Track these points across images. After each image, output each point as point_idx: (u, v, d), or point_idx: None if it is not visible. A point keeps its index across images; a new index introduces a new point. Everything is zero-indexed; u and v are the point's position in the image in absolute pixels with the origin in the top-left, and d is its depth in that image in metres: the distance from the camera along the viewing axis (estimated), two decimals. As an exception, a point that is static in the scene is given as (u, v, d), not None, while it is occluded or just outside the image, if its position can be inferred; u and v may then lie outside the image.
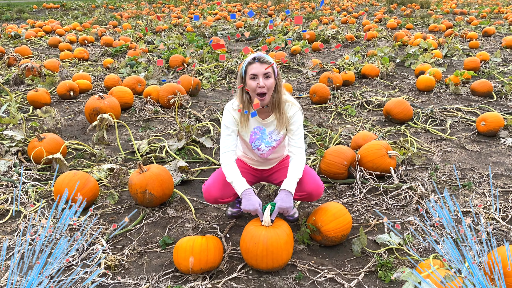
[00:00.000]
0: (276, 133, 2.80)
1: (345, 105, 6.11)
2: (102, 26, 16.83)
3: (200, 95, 6.89)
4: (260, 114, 2.77)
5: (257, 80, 2.54)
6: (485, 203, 3.37)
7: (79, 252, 2.77)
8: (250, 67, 2.54)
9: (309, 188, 2.77)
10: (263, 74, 2.53)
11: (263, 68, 2.52)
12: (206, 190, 2.80)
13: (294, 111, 2.74)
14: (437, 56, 9.24)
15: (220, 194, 2.77)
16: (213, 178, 2.83)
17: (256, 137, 2.80)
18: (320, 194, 2.85)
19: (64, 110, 6.00)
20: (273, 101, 2.68)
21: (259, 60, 2.52)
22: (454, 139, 4.80)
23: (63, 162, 3.80)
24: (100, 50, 11.39)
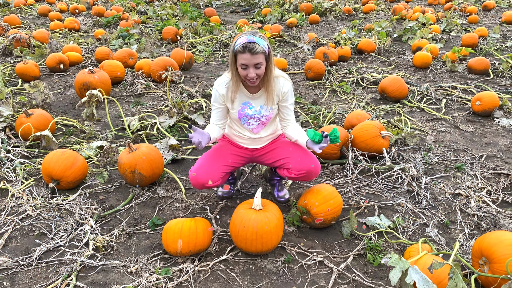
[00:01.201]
0: (265, 108, 2.72)
1: (340, 82, 6.02)
2: (94, -6, 16.34)
3: (193, 69, 6.77)
4: (249, 89, 2.70)
5: (247, 70, 2.43)
6: (476, 185, 3.36)
7: (68, 232, 2.75)
8: (240, 56, 2.40)
9: (307, 167, 2.74)
10: (254, 65, 2.41)
11: (254, 59, 2.39)
12: (192, 176, 2.73)
13: (287, 87, 2.67)
14: (435, 31, 9.08)
15: (207, 179, 2.71)
16: (199, 162, 2.78)
17: (244, 112, 2.72)
18: (318, 173, 2.82)
19: (53, 84, 5.88)
20: (264, 79, 2.60)
21: (250, 51, 2.35)
22: (448, 118, 4.76)
23: (52, 139, 3.73)
24: (91, 20, 11.09)
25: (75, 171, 3.16)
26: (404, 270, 2.07)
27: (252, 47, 2.35)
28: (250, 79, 2.47)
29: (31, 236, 2.73)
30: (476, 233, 2.80)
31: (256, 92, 2.70)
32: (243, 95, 2.70)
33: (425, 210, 3.05)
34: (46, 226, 2.82)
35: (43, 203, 3.04)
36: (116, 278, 2.38)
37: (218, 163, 2.77)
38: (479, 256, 2.32)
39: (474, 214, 2.98)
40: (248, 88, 2.69)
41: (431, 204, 3.12)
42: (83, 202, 3.07)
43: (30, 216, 2.92)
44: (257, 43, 2.37)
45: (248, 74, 2.44)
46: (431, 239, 2.73)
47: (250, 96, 2.70)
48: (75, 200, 3.10)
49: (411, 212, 3.02)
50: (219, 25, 9.33)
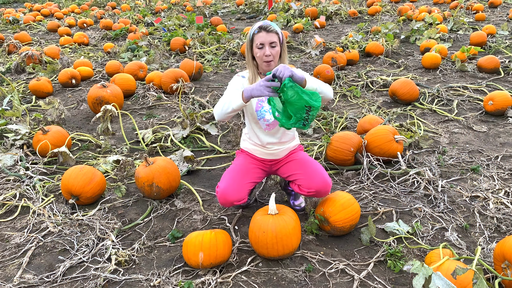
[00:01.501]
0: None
1: (350, 86, 6.03)
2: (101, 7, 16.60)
3: (202, 79, 6.82)
4: None
5: (264, 49, 2.59)
6: (493, 187, 3.34)
7: (89, 248, 2.79)
8: (257, 36, 2.59)
9: (316, 186, 2.74)
10: (269, 43, 2.58)
11: (269, 37, 2.57)
12: (222, 195, 2.72)
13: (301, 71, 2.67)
14: (442, 31, 9.05)
15: (237, 197, 2.72)
16: (226, 180, 2.77)
17: (261, 105, 2.78)
18: (328, 192, 2.81)
19: (66, 99, 5.97)
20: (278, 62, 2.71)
21: (265, 29, 2.57)
22: (461, 119, 4.74)
23: (69, 155, 3.79)
24: (99, 33, 11.24)
25: (93, 186, 3.21)
26: (427, 276, 2.07)
27: (267, 25, 2.59)
28: (266, 58, 2.60)
29: (54, 253, 2.77)
30: (497, 235, 2.79)
31: None
32: None
33: (443, 214, 3.04)
34: (68, 242, 2.86)
35: (64, 219, 3.08)
36: (139, 292, 2.41)
37: (244, 179, 2.81)
38: (501, 260, 2.31)
39: (493, 216, 2.97)
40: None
41: (449, 207, 3.11)
42: (103, 217, 3.11)
43: (52, 232, 2.96)
44: (271, 25, 2.60)
45: (264, 53, 2.59)
46: (451, 243, 2.72)
47: None
48: (95, 215, 3.14)
49: (429, 217, 3.02)
50: (226, 34, 9.40)
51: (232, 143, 4.28)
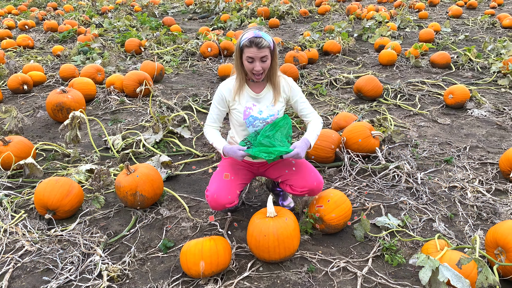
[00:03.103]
0: (271, 105, 2.70)
1: (315, 84, 6.11)
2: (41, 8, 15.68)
3: (164, 81, 6.63)
4: (254, 88, 2.70)
5: (254, 64, 2.49)
6: (468, 177, 3.51)
7: (75, 265, 2.60)
8: (247, 50, 2.46)
9: (310, 185, 2.73)
10: (260, 58, 2.47)
11: (261, 53, 2.45)
12: (212, 198, 2.64)
13: (290, 81, 2.76)
14: (392, 28, 9.43)
15: (228, 200, 2.65)
16: (216, 183, 2.71)
17: (249, 113, 2.69)
18: (321, 190, 2.82)
19: (20, 107, 5.57)
20: (269, 74, 2.63)
21: (256, 45, 2.42)
22: (425, 113, 4.95)
23: (36, 166, 3.53)
24: (44, 36, 10.61)
25: (72, 199, 3.00)
26: (434, 268, 2.13)
27: (259, 41, 2.43)
28: (256, 73, 2.52)
29: (36, 274, 2.56)
30: (480, 223, 2.93)
31: (261, 91, 2.71)
32: (248, 95, 2.70)
33: (427, 205, 3.15)
34: (50, 260, 2.65)
35: (41, 236, 2.86)
36: (139, 308, 2.28)
37: (233, 181, 2.74)
38: (494, 247, 2.42)
39: (473, 205, 3.12)
40: (253, 87, 2.70)
41: (431, 198, 3.22)
42: (85, 231, 2.92)
43: (30, 251, 2.74)
44: (263, 38, 2.44)
45: (254, 68, 2.50)
46: (441, 233, 2.82)
47: (255, 96, 2.70)
48: (75, 230, 2.94)
49: (415, 209, 3.11)
50: (181, 34, 9.20)
51: (209, 146, 4.18)
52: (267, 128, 2.66)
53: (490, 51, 7.37)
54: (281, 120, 2.69)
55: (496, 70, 6.23)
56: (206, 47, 7.70)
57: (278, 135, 2.64)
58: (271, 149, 2.52)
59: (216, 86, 6.28)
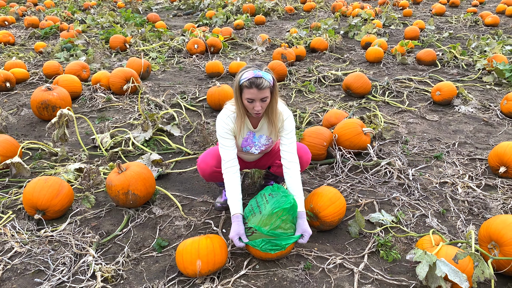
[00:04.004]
0: (265, 138, 2.77)
1: (303, 82, 6.11)
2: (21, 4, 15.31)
3: (151, 78, 6.54)
4: (252, 120, 2.71)
5: (254, 104, 2.43)
6: (457, 173, 3.56)
7: (67, 266, 2.54)
8: (247, 91, 2.38)
9: (298, 153, 2.78)
10: (260, 99, 2.41)
11: (261, 94, 2.38)
12: (201, 161, 2.83)
13: (285, 118, 2.64)
14: (378, 26, 9.51)
15: (216, 162, 2.79)
16: (207, 151, 2.92)
17: (247, 142, 2.77)
18: (309, 160, 2.94)
19: (2, 104, 5.42)
20: (267, 110, 2.58)
21: (257, 86, 2.34)
22: (413, 110, 5.00)
23: (23, 166, 3.44)
24: (25, 32, 10.35)
25: (62, 198, 2.93)
26: (432, 263, 2.14)
27: (259, 83, 2.35)
28: (256, 112, 2.48)
29: (27, 275, 2.49)
30: (471, 218, 2.97)
31: (257, 124, 2.73)
32: (247, 127, 2.73)
33: (419, 201, 3.18)
34: (41, 262, 2.59)
35: (31, 237, 2.79)
36: (135, 309, 2.24)
37: None
38: (487, 241, 2.45)
39: (464, 200, 3.16)
40: (251, 119, 2.71)
41: (423, 194, 3.25)
42: (76, 231, 2.86)
43: (20, 253, 2.66)
44: (264, 78, 2.36)
45: (254, 107, 2.45)
46: (434, 229, 2.84)
47: (252, 129, 2.73)
48: (66, 230, 2.87)
49: (407, 205, 3.14)
50: (167, 31, 9.10)
51: (199, 144, 4.14)
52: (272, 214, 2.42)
53: (474, 49, 7.49)
54: (288, 209, 2.44)
55: (481, 67, 6.34)
56: (193, 44, 7.63)
57: (285, 225, 2.43)
58: (279, 243, 2.40)
59: (204, 84, 6.23)
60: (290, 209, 2.42)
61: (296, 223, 2.51)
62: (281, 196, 2.48)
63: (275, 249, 2.41)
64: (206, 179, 2.92)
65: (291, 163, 2.67)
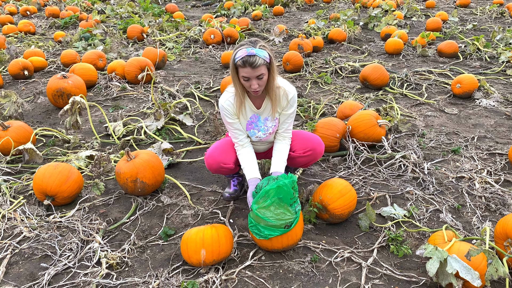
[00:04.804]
0: (271, 119, 2.72)
1: (319, 73, 6.00)
2: (43, -6, 15.49)
3: (166, 67, 6.54)
4: (254, 101, 2.67)
5: (250, 82, 2.39)
6: (475, 167, 3.43)
7: (74, 252, 2.55)
8: (242, 70, 2.34)
9: (312, 144, 2.78)
10: (256, 77, 2.36)
11: (256, 72, 2.34)
12: (209, 155, 2.77)
13: (290, 96, 2.62)
14: (399, 17, 9.27)
15: (224, 159, 2.74)
16: (214, 146, 2.84)
17: (252, 126, 2.74)
18: (323, 151, 2.88)
19: (20, 92, 5.49)
20: (267, 88, 2.54)
21: (250, 65, 2.29)
22: (432, 102, 4.85)
23: (36, 152, 3.47)
24: (46, 22, 10.50)
25: (71, 185, 2.94)
26: (443, 260, 2.06)
27: (253, 61, 2.30)
28: (254, 90, 2.43)
29: (34, 260, 2.51)
30: (488, 214, 2.85)
31: (260, 104, 2.68)
32: (250, 109, 2.68)
33: (434, 195, 3.07)
34: (48, 247, 2.60)
35: (40, 223, 2.81)
36: (138, 296, 2.23)
37: (232, 147, 2.81)
38: (503, 238, 2.35)
39: (481, 195, 3.04)
40: (253, 100, 2.66)
41: (438, 189, 3.15)
42: (84, 218, 2.86)
43: (28, 238, 2.68)
44: (257, 55, 2.31)
45: (251, 86, 2.41)
46: (448, 224, 2.74)
47: (256, 110, 2.69)
48: (75, 216, 2.88)
49: (421, 199, 3.04)
50: (184, 21, 9.08)
51: (211, 133, 4.11)
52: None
53: (499, 41, 7.23)
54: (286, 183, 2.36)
55: (505, 60, 6.11)
56: (209, 34, 7.59)
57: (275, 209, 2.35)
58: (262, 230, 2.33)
59: (219, 74, 6.19)
60: (277, 190, 2.30)
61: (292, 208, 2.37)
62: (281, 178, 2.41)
63: (258, 234, 2.36)
64: (212, 172, 2.89)
65: (285, 138, 2.77)
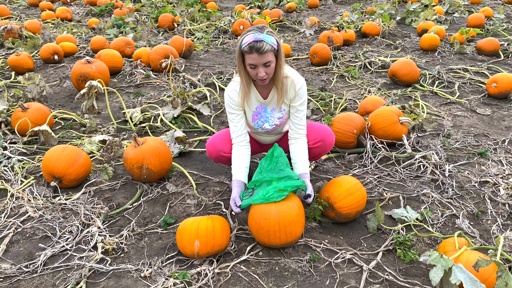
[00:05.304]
0: (278, 110, 2.60)
1: (347, 67, 5.80)
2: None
3: (193, 57, 6.52)
4: (261, 91, 2.57)
5: (257, 70, 2.27)
6: (502, 172, 3.18)
7: (73, 234, 2.55)
8: (248, 56, 2.23)
9: (321, 135, 2.70)
10: (263, 64, 2.25)
11: (263, 59, 2.22)
12: (210, 143, 2.75)
13: (298, 86, 2.50)
14: (439, 12, 8.85)
15: (224, 147, 2.69)
16: (217, 133, 2.83)
17: (258, 117, 2.63)
18: (333, 142, 2.79)
19: (48, 76, 5.63)
20: (274, 77, 2.42)
21: (257, 51, 2.18)
22: (464, 102, 4.57)
23: (51, 134, 3.51)
24: (83, 9, 10.76)
25: (78, 168, 2.95)
26: (447, 269, 1.90)
27: (260, 47, 2.18)
28: (261, 78, 2.32)
29: (34, 240, 2.53)
30: (510, 223, 2.63)
31: (267, 95, 2.57)
32: (256, 99, 2.58)
33: (452, 200, 2.87)
34: (49, 228, 2.62)
35: (45, 203, 2.83)
36: (129, 284, 2.19)
37: None
38: (522, 250, 2.15)
39: (505, 203, 2.81)
40: (260, 90, 2.55)
41: (458, 193, 2.94)
42: (88, 201, 2.87)
43: (32, 218, 2.71)
44: (265, 41, 2.19)
45: (258, 74, 2.29)
46: (463, 231, 2.55)
47: (263, 101, 2.58)
48: (79, 199, 2.89)
49: (438, 203, 2.84)
50: (216, 12, 9.04)
51: (226, 124, 4.04)
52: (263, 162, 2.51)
53: (546, 40, 6.74)
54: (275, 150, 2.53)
55: (550, 59, 5.68)
56: (239, 25, 7.51)
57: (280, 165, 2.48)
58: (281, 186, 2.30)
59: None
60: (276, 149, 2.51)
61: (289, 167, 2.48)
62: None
63: (278, 195, 2.27)
64: (213, 160, 2.83)
65: (300, 135, 2.61)
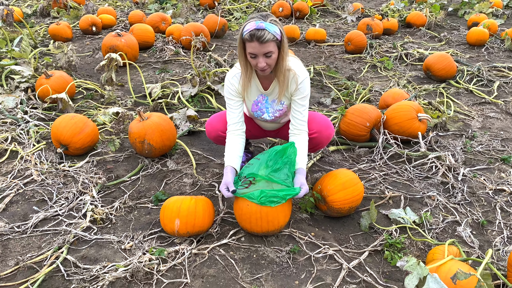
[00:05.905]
0: (278, 103, 2.51)
1: (382, 57, 5.55)
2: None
3: (226, 37, 6.48)
4: (263, 81, 2.48)
5: (257, 59, 2.18)
6: (523, 182, 2.94)
7: (68, 201, 2.63)
8: (249, 45, 2.14)
9: (317, 126, 2.56)
10: (264, 54, 2.15)
11: (263, 49, 2.12)
12: (208, 122, 2.74)
13: (300, 80, 2.38)
14: (496, 5, 8.22)
15: (221, 126, 2.64)
16: (217, 113, 2.78)
17: (258, 106, 2.55)
18: (330, 136, 2.65)
19: (84, 46, 5.80)
20: (275, 68, 2.31)
21: (258, 39, 2.08)
22: (500, 103, 4.24)
23: (68, 102, 3.63)
24: (133, -17, 10.96)
25: (83, 137, 3.03)
26: (422, 277, 1.78)
27: (261, 35, 2.08)
28: (261, 69, 2.23)
29: (31, 202, 2.64)
30: (517, 237, 2.43)
31: (269, 85, 2.48)
32: (257, 88, 2.50)
33: (459, 205, 2.69)
34: (48, 192, 2.72)
35: (50, 169, 2.94)
36: (108, 254, 2.24)
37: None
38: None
39: (517, 214, 2.60)
40: (262, 80, 2.47)
41: (467, 199, 2.75)
42: (89, 170, 2.95)
43: (35, 181, 2.83)
44: (267, 30, 2.08)
45: (258, 64, 2.19)
46: (461, 240, 2.39)
47: (264, 91, 2.50)
48: (82, 168, 2.98)
49: (442, 207, 2.67)
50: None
51: (242, 106, 3.99)
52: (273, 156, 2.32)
53: None
54: (288, 148, 2.33)
55: None
56: (278, 6, 7.36)
57: (285, 170, 2.30)
58: (278, 193, 2.19)
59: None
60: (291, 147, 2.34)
61: (293, 177, 2.33)
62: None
63: (275, 201, 2.18)
64: (212, 140, 2.80)
65: (301, 132, 2.47)
